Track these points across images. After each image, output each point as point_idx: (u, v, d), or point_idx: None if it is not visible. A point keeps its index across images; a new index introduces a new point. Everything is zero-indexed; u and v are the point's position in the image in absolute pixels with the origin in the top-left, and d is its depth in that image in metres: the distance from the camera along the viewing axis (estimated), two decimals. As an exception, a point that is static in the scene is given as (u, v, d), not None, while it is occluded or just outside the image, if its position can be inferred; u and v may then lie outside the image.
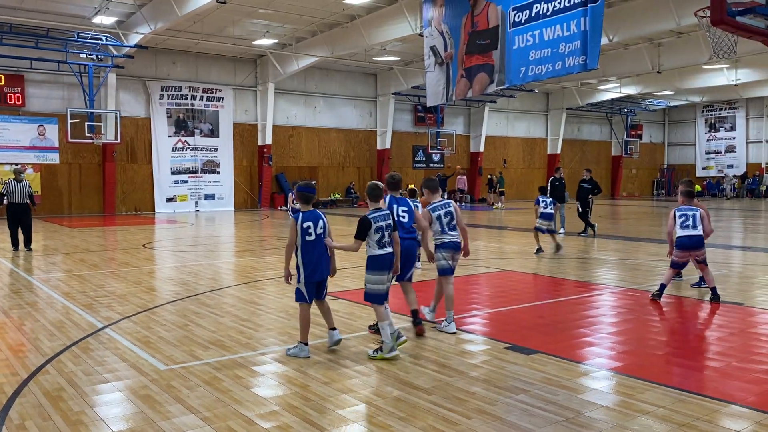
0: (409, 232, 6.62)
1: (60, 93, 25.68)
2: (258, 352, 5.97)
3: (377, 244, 5.82)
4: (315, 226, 5.70)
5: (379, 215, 5.85)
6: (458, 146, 36.23)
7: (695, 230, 8.18)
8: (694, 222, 8.20)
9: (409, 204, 6.75)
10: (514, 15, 14.60)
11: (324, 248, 5.79)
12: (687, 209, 8.34)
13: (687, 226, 8.20)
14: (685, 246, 8.21)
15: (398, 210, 6.54)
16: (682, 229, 8.23)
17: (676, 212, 8.37)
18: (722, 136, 44.44)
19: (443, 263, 6.77)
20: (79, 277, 10.49)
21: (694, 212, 8.26)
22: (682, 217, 8.28)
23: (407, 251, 6.51)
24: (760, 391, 4.88)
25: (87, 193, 26.65)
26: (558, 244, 13.35)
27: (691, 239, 8.17)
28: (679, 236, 8.27)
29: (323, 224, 5.78)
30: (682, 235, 8.23)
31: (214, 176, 29.44)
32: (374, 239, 5.81)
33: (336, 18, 23.47)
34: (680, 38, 25.78)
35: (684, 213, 8.30)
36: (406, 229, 6.56)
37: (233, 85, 29.69)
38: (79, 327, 6.98)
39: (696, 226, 8.19)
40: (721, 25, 7.56)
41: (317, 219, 5.75)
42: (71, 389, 4.93)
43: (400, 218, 6.50)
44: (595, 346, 6.19)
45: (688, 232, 8.18)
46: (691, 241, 8.17)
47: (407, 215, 6.61)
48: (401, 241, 6.23)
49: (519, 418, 4.32)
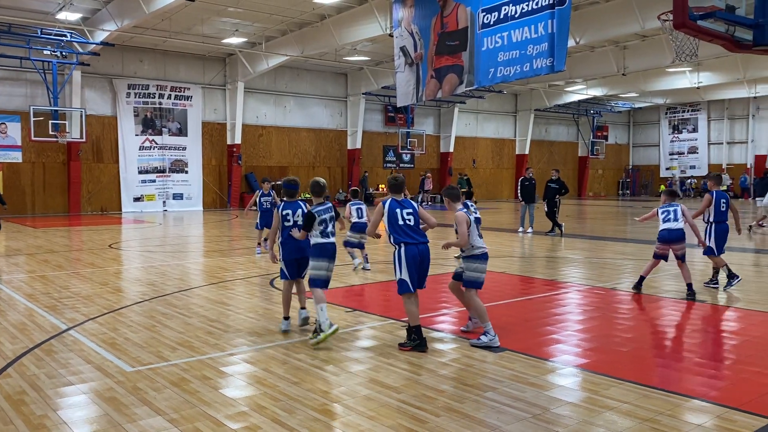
0: (422, 236, 6.05)
1: (23, 90, 25.08)
2: (227, 353, 5.92)
3: (320, 234, 6.31)
4: (293, 214, 6.61)
5: (322, 209, 6.33)
6: (428, 146, 36.37)
7: (676, 223, 8.60)
8: (675, 216, 8.62)
9: (414, 206, 6.13)
10: (483, 17, 14.72)
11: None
12: (668, 206, 8.80)
13: (668, 220, 8.65)
14: (666, 239, 8.64)
15: (402, 213, 5.97)
16: (664, 223, 8.69)
17: (659, 210, 8.86)
18: (685, 137, 45.43)
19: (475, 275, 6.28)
20: (42, 278, 10.27)
21: (675, 207, 8.71)
22: (664, 212, 8.74)
23: (423, 256, 5.99)
24: (722, 386, 5.01)
25: (51, 193, 26.09)
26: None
27: (671, 233, 8.58)
28: (661, 230, 8.72)
29: (301, 213, 6.58)
30: (662, 228, 8.69)
31: (182, 176, 29.07)
32: (318, 230, 6.30)
33: (306, 17, 23.39)
34: (645, 41, 26.29)
35: (666, 209, 8.77)
36: (418, 233, 6.02)
37: (202, 83, 29.36)
38: (43, 329, 6.83)
39: (677, 220, 8.61)
40: (683, 29, 7.72)
41: (296, 209, 6.65)
42: (34, 393, 4.82)
43: (407, 222, 5.97)
44: (562, 343, 6.28)
45: (669, 225, 8.62)
46: (671, 234, 8.58)
47: (413, 218, 6.01)
48: (417, 245, 5.91)
49: (487, 415, 4.36)
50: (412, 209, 6.10)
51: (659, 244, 8.77)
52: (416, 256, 5.93)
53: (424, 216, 6.18)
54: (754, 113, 41.36)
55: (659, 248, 8.79)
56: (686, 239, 8.71)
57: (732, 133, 43.23)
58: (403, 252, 5.93)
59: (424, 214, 6.20)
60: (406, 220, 6.00)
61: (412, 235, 5.96)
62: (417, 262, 5.93)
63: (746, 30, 7.82)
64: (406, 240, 5.94)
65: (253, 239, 15.32)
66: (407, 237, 5.94)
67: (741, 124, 42.60)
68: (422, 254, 5.99)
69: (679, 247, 8.64)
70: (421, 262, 5.98)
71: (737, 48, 7.94)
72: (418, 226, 6.09)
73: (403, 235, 5.96)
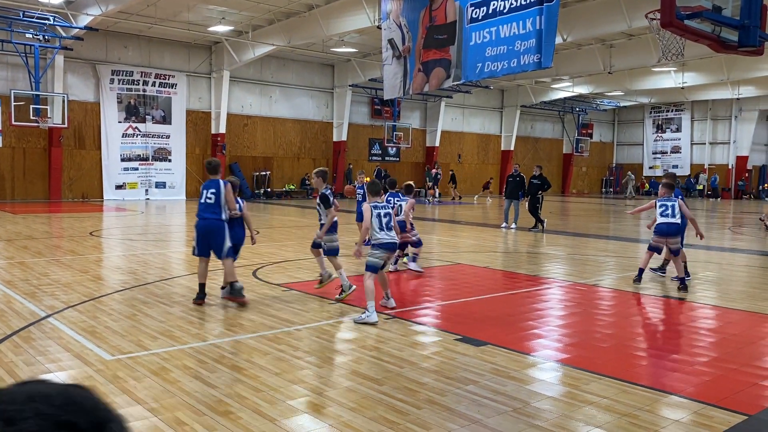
0: (208, 213, 7.47)
1: (3, 73, 24.63)
2: (208, 343, 5.89)
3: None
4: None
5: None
6: (414, 140, 36.34)
7: (673, 218, 8.93)
8: (673, 212, 8.95)
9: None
10: (471, 11, 14.70)
11: (209, 210, 7.43)
12: (667, 200, 9.09)
13: (666, 215, 8.98)
14: (663, 232, 8.98)
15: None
16: (662, 217, 9.00)
17: (657, 202, 9.17)
18: (668, 137, 45.83)
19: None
20: (21, 264, 10.13)
21: (673, 203, 9.01)
22: (662, 207, 9.05)
23: (206, 230, 7.49)
24: (699, 383, 5.08)
25: (31, 179, 25.72)
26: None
27: (670, 227, 8.94)
28: (658, 223, 9.04)
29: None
30: (661, 222, 9.00)
31: (165, 164, 28.80)
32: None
33: (294, 7, 23.21)
34: (631, 40, 26.45)
35: (664, 203, 9.06)
36: (206, 210, 7.48)
37: (187, 71, 29.07)
38: (21, 316, 6.74)
39: (674, 215, 8.93)
40: (670, 28, 7.78)
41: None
42: (11, 380, 4.76)
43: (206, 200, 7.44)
44: (544, 338, 6.32)
45: (667, 220, 8.96)
46: (670, 228, 8.93)
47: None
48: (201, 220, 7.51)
49: (468, 408, 4.38)
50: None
51: (656, 237, 9.09)
52: (199, 229, 7.50)
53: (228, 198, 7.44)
54: (737, 114, 41.82)
55: (655, 241, 9.11)
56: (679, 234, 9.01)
57: (714, 134, 43.70)
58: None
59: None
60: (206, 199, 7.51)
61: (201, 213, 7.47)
62: (199, 234, 7.46)
63: (732, 31, 7.89)
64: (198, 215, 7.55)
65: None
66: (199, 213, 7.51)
67: (724, 125, 43.07)
68: (204, 228, 7.45)
69: (674, 242, 8.95)
70: (203, 236, 7.43)
71: (723, 48, 8.02)
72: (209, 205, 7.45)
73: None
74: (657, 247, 9.22)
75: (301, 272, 9.83)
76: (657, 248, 9.24)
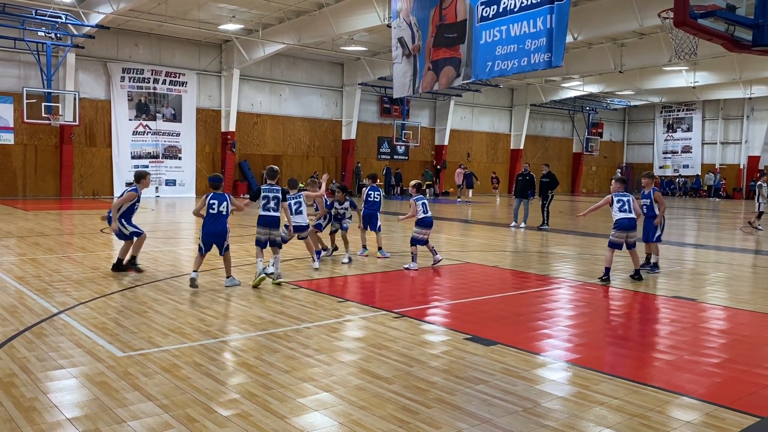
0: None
1: (16, 71, 24.83)
2: (218, 340, 5.91)
3: (263, 208, 8.64)
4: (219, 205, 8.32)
5: (268, 188, 8.72)
6: (423, 139, 36.31)
7: (631, 213, 9.33)
8: (629, 207, 9.34)
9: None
10: (482, 9, 14.66)
11: (218, 219, 8.32)
12: (622, 195, 9.45)
13: (624, 210, 9.34)
14: (624, 227, 9.29)
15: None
16: (621, 213, 9.34)
17: (614, 197, 9.46)
18: (679, 136, 45.54)
19: None
20: (33, 261, 10.21)
21: (628, 197, 9.41)
22: (619, 202, 9.38)
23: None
24: (710, 384, 5.05)
25: (43, 176, 25.90)
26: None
27: (630, 221, 9.29)
28: (618, 219, 9.34)
29: (226, 205, 8.37)
30: (621, 217, 9.32)
31: (175, 162, 28.92)
32: (261, 204, 8.61)
33: (304, 6, 23.24)
34: (642, 39, 26.29)
35: (620, 198, 9.41)
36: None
37: (197, 69, 29.17)
38: (33, 312, 6.80)
39: (631, 210, 9.34)
40: (683, 27, 7.72)
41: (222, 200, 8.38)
42: (24, 375, 4.80)
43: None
44: (553, 338, 6.31)
45: (626, 215, 9.33)
46: (630, 222, 9.28)
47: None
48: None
49: (478, 407, 4.37)
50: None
51: (616, 232, 9.33)
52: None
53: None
54: (749, 114, 41.50)
55: (617, 236, 9.33)
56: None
57: (726, 134, 43.38)
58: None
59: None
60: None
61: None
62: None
63: (746, 30, 7.83)
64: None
65: (245, 227, 15.29)
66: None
67: (735, 125, 42.75)
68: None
69: (633, 235, 9.32)
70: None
71: (736, 48, 7.95)
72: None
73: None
74: (618, 243, 9.35)
75: (311, 270, 9.85)
76: (619, 245, 9.37)
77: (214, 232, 8.30)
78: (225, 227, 8.40)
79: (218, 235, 8.33)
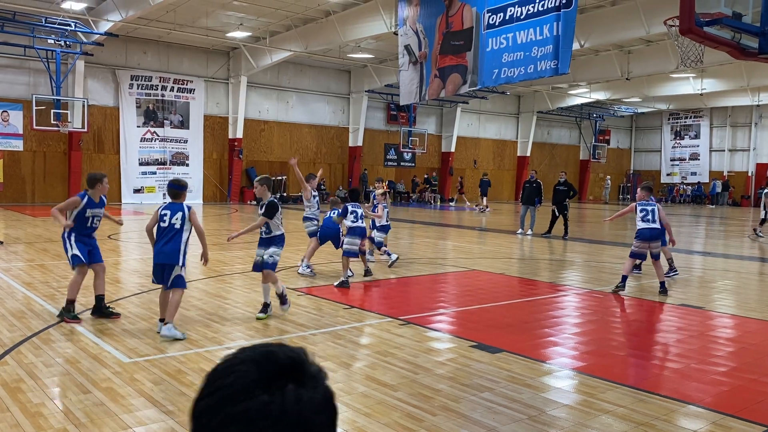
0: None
1: (25, 78, 25.03)
2: (224, 347, 5.92)
3: (282, 225, 7.38)
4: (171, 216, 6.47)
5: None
6: (429, 146, 36.33)
7: (654, 224, 9.03)
8: (653, 216, 9.05)
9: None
10: (488, 17, 14.70)
11: (168, 234, 6.43)
12: (647, 204, 9.18)
13: (648, 220, 9.05)
14: (646, 237, 9.04)
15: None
16: (643, 222, 9.07)
17: (637, 206, 9.21)
18: (687, 143, 45.38)
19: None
20: (41, 266, 10.26)
21: (653, 207, 9.12)
22: (642, 211, 9.11)
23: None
24: (717, 393, 5.02)
25: (51, 182, 26.06)
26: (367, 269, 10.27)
27: (652, 231, 9.02)
28: (640, 228, 9.07)
29: (181, 216, 6.49)
30: (643, 227, 9.05)
31: (183, 168, 29.02)
32: (280, 219, 7.33)
33: (311, 13, 23.35)
34: (649, 46, 26.26)
35: (644, 208, 9.13)
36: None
37: (205, 76, 29.32)
38: (41, 317, 6.83)
39: (655, 220, 9.04)
40: (689, 35, 7.71)
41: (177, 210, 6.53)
42: (31, 381, 4.83)
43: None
44: (559, 345, 6.29)
45: (649, 225, 9.04)
46: (652, 233, 9.02)
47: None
48: None
49: (483, 415, 4.36)
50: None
51: (639, 242, 9.10)
52: None
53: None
54: (757, 121, 41.32)
55: (639, 246, 9.12)
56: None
57: (734, 141, 43.20)
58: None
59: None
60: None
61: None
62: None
63: (752, 37, 7.80)
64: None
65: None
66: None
67: (743, 132, 42.57)
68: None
69: (656, 246, 9.06)
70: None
71: (743, 55, 7.93)
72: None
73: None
74: (640, 253, 9.19)
75: (317, 277, 9.86)
76: (641, 254, 9.22)
77: (164, 251, 6.34)
78: (178, 246, 6.39)
79: (169, 255, 6.34)
